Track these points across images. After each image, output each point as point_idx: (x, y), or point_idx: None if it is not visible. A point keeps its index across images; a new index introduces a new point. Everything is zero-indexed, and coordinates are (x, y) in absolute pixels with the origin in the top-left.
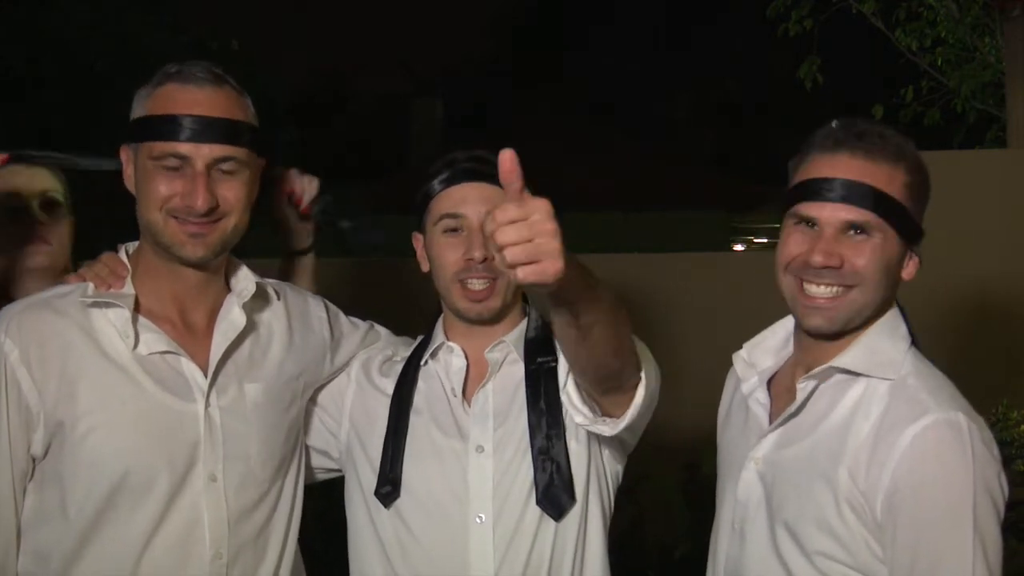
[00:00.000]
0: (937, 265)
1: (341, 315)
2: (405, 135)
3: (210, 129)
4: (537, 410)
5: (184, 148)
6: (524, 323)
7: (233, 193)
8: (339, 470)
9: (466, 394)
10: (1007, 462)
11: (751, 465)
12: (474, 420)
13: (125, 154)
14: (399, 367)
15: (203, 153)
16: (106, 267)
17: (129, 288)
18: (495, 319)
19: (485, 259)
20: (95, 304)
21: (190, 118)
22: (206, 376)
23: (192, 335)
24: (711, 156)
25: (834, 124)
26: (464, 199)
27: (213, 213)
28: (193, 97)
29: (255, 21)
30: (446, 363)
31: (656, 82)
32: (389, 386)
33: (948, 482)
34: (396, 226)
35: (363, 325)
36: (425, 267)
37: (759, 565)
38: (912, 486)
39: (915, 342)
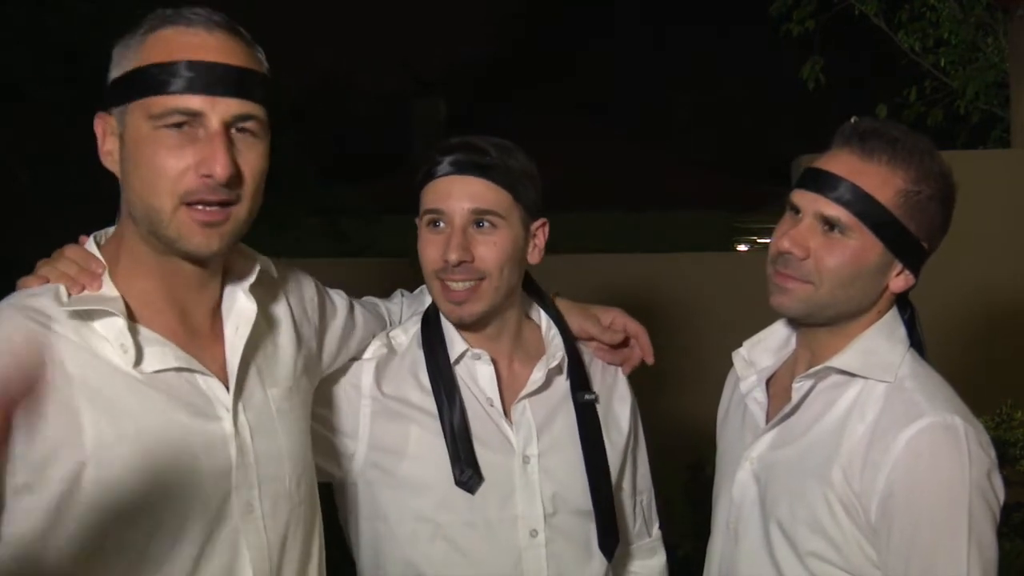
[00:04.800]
0: (940, 266)
1: (326, 295)
2: (406, 135)
3: (228, 79)
4: (587, 443)
5: (196, 102)
6: (556, 338)
7: (251, 166)
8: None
9: (504, 403)
10: (1011, 462)
11: (746, 465)
12: (516, 429)
13: (102, 124)
14: (418, 371)
15: (220, 109)
16: (74, 264)
17: (110, 289)
18: (479, 324)
19: (462, 262)
20: (77, 314)
21: (203, 65)
22: (228, 388)
23: (197, 340)
24: (712, 156)
25: (853, 120)
26: (448, 194)
27: (232, 188)
28: (202, 41)
29: (256, 21)
30: (470, 369)
31: (656, 82)
32: (410, 393)
33: (943, 486)
34: (396, 226)
35: (341, 311)
36: None
37: (752, 565)
38: (907, 490)
39: (914, 344)
